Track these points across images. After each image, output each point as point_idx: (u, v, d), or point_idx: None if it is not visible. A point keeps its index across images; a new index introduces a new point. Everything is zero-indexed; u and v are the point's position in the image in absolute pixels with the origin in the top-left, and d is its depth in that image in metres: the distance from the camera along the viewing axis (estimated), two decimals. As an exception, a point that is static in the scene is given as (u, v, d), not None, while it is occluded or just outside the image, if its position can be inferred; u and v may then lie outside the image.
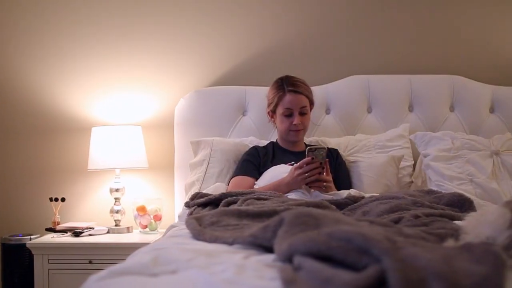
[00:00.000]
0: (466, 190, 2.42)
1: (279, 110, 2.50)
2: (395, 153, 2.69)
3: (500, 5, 3.13)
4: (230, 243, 1.42)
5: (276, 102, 2.50)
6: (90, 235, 2.74)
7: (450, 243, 1.42)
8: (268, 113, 2.58)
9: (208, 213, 1.79)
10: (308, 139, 2.77)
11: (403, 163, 2.73)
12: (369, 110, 2.98)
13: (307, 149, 2.20)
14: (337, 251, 1.05)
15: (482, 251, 1.12)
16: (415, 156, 2.79)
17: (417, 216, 1.73)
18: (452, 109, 3.00)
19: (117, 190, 2.86)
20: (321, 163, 2.20)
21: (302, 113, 2.50)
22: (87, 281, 1.10)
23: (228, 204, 2.05)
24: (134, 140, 2.87)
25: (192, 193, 2.25)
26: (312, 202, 1.87)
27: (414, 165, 2.81)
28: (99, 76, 3.06)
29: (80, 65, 3.06)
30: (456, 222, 1.66)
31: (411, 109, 2.99)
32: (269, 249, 1.26)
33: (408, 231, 1.47)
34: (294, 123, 2.47)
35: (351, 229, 1.11)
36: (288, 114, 2.49)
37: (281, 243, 1.20)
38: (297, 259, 1.09)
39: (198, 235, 1.56)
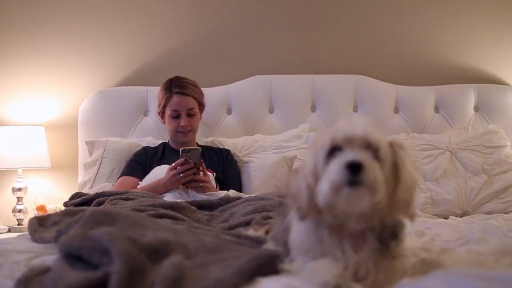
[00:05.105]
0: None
1: (167, 112, 2.53)
2: (289, 154, 2.72)
3: (402, 6, 3.18)
4: (47, 242, 1.47)
5: (164, 103, 2.54)
6: (-11, 233, 2.76)
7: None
8: (159, 113, 2.61)
9: (55, 213, 1.82)
10: (205, 139, 2.80)
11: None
12: (271, 110, 3.00)
13: (180, 150, 2.24)
14: (85, 251, 1.09)
15: (249, 256, 1.16)
16: (315, 156, 2.80)
17: (267, 218, 1.77)
18: (355, 109, 3.04)
19: (19, 189, 2.88)
20: (195, 164, 2.24)
21: (190, 115, 2.53)
22: None
23: (99, 204, 2.08)
24: (37, 140, 2.89)
25: (72, 194, 2.30)
26: (167, 203, 1.90)
27: (314, 165, 2.83)
28: (1, 76, 3.05)
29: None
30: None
31: (313, 109, 3.01)
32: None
33: (222, 235, 1.50)
34: (181, 124, 2.51)
35: (107, 230, 1.14)
36: (176, 116, 2.51)
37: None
38: (57, 258, 1.13)
39: (31, 235, 1.61)
